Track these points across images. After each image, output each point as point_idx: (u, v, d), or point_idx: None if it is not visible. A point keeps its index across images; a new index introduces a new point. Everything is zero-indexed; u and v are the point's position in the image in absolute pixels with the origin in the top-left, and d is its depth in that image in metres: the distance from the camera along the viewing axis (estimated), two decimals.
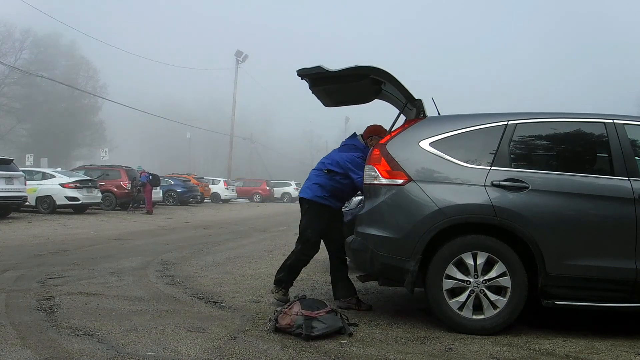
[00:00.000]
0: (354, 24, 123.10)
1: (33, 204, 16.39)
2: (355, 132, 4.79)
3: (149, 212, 18.23)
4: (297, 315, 3.68)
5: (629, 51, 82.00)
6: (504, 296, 3.81)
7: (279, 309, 3.94)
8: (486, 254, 3.82)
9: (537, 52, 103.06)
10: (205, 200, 30.25)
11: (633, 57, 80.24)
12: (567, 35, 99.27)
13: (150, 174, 19.26)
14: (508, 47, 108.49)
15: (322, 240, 4.66)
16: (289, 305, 3.86)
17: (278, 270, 4.78)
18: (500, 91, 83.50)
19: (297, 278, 6.04)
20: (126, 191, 19.42)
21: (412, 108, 4.39)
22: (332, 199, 4.59)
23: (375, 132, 4.58)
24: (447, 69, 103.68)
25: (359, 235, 4.21)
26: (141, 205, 19.01)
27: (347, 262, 4.71)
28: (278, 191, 40.23)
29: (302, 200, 4.68)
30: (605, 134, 3.98)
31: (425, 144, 4.08)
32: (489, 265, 3.83)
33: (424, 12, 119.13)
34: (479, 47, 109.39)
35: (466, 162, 4.00)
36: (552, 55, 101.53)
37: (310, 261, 4.85)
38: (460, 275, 3.84)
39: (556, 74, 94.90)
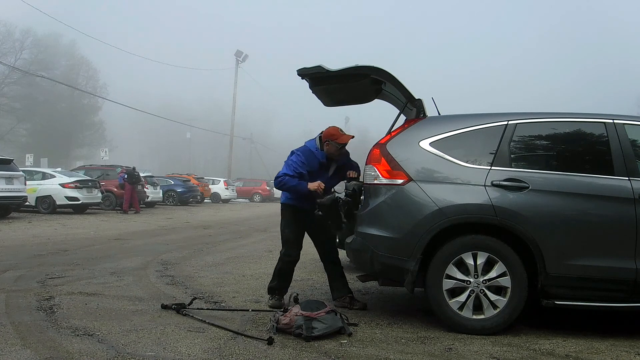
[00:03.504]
0: (354, 23, 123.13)
1: (33, 204, 16.38)
2: (318, 135, 4.60)
3: (125, 212, 17.90)
4: (297, 315, 3.68)
5: (630, 51, 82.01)
6: (504, 296, 3.81)
7: (279, 310, 3.95)
8: (486, 254, 3.82)
9: (537, 51, 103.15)
10: (205, 200, 30.24)
11: (633, 57, 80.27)
12: (567, 35, 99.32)
13: (126, 172, 18.57)
14: (507, 45, 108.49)
15: (311, 243, 4.67)
16: (288, 307, 3.86)
17: (271, 280, 4.77)
18: (499, 90, 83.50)
19: (297, 278, 6.06)
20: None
21: (412, 108, 4.39)
22: (298, 200, 4.56)
23: (329, 137, 4.41)
24: (447, 68, 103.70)
25: (359, 235, 4.21)
26: (132, 206, 18.53)
27: (341, 261, 4.71)
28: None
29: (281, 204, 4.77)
30: (605, 134, 3.98)
31: (425, 144, 4.08)
32: (489, 265, 3.83)
33: (423, 11, 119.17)
34: (478, 46, 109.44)
35: (466, 162, 4.00)
36: (551, 54, 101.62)
37: (310, 261, 4.85)
38: (460, 275, 3.84)
39: (556, 73, 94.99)
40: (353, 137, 4.47)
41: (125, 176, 18.27)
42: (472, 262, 3.82)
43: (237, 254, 8.29)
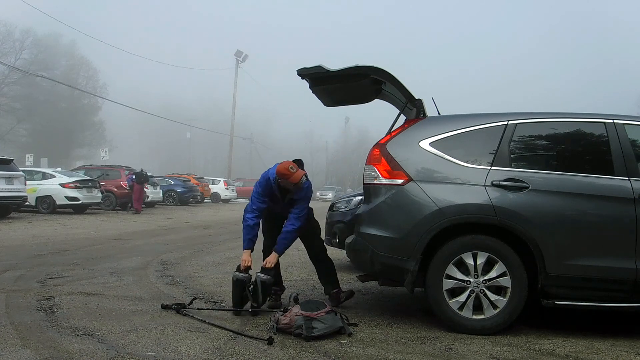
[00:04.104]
0: (354, 23, 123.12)
1: (33, 204, 16.38)
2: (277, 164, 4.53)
3: (137, 212, 18.08)
4: (297, 315, 3.68)
5: (630, 51, 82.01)
6: (504, 296, 3.81)
7: (279, 310, 3.95)
8: (486, 254, 3.82)
9: (537, 51, 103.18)
10: (205, 200, 30.24)
11: (633, 57, 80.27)
12: (567, 35, 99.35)
13: (134, 173, 18.86)
14: (507, 45, 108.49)
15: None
16: (288, 307, 3.87)
17: None
18: (499, 90, 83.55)
19: (297, 278, 6.07)
20: (126, 191, 19.37)
21: (412, 108, 4.39)
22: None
23: (280, 176, 4.37)
24: (447, 68, 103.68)
25: (359, 235, 4.21)
26: (132, 207, 18.80)
27: (326, 258, 4.76)
28: None
29: None
30: (605, 134, 3.98)
31: (425, 144, 4.08)
32: (489, 265, 3.83)
33: (423, 11, 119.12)
34: (478, 46, 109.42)
35: (466, 162, 4.00)
36: (551, 54, 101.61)
37: (310, 262, 4.89)
38: (460, 275, 3.84)
39: (556, 73, 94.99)
40: (305, 173, 4.44)
41: (134, 177, 18.49)
42: (472, 262, 3.82)
43: (237, 254, 8.24)
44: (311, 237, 4.73)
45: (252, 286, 4.35)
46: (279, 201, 4.59)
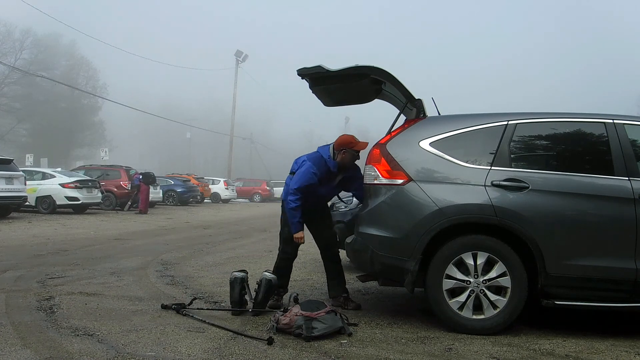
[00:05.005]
0: (355, 22, 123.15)
1: (33, 204, 16.38)
2: (332, 144, 4.53)
3: (142, 212, 18.17)
4: (297, 315, 3.68)
5: (630, 51, 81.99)
6: (504, 296, 3.81)
7: (279, 310, 3.95)
8: (486, 254, 3.82)
9: (537, 51, 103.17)
10: (205, 200, 30.24)
11: (634, 56, 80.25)
12: (567, 34, 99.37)
13: (141, 174, 19.05)
14: (507, 45, 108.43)
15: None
16: (288, 307, 3.87)
17: None
18: (499, 89, 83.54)
19: (297, 278, 6.07)
20: (126, 191, 19.42)
21: (412, 108, 4.39)
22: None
23: (345, 145, 4.38)
24: (447, 68, 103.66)
25: (359, 235, 4.21)
26: (133, 206, 18.98)
27: (339, 260, 4.72)
28: (278, 191, 40.13)
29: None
30: (605, 134, 3.98)
31: (425, 144, 4.08)
32: (489, 265, 3.83)
33: (423, 9, 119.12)
34: (478, 45, 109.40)
35: (466, 162, 4.00)
36: (551, 54, 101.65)
37: (310, 261, 4.86)
38: (460, 275, 3.84)
39: (556, 73, 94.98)
40: (367, 143, 4.43)
41: (141, 177, 18.66)
42: (472, 262, 3.82)
43: (237, 254, 8.28)
44: (327, 239, 4.69)
45: (257, 285, 4.35)
46: (333, 181, 4.48)
